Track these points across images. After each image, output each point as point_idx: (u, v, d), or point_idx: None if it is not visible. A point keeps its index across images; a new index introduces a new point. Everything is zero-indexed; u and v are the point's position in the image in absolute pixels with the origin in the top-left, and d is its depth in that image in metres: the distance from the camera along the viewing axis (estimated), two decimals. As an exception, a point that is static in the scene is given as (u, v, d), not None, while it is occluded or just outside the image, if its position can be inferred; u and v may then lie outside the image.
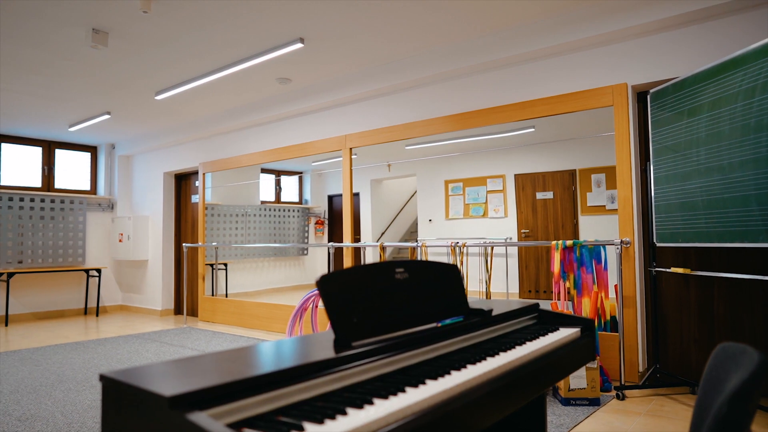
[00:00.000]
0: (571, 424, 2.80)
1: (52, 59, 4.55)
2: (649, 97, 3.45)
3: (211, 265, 7.05)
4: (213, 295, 7.01)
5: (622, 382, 3.38)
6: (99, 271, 7.73)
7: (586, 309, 3.56)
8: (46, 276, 7.53)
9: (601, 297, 3.56)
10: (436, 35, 4.23)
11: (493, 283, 5.36)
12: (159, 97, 5.57)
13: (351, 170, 5.35)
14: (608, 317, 3.62)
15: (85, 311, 7.88)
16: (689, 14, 3.30)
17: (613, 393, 3.35)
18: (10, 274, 6.87)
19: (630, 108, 3.64)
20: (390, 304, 1.33)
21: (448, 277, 1.55)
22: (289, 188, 7.64)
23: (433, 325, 1.43)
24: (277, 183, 7.46)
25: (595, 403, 3.13)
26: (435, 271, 1.51)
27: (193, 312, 7.43)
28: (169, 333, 5.99)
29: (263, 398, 0.92)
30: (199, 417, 0.76)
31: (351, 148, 5.34)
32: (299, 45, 4.20)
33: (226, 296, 7.02)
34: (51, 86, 5.31)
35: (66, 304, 7.72)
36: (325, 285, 1.20)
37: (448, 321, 1.49)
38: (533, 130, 4.56)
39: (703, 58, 3.36)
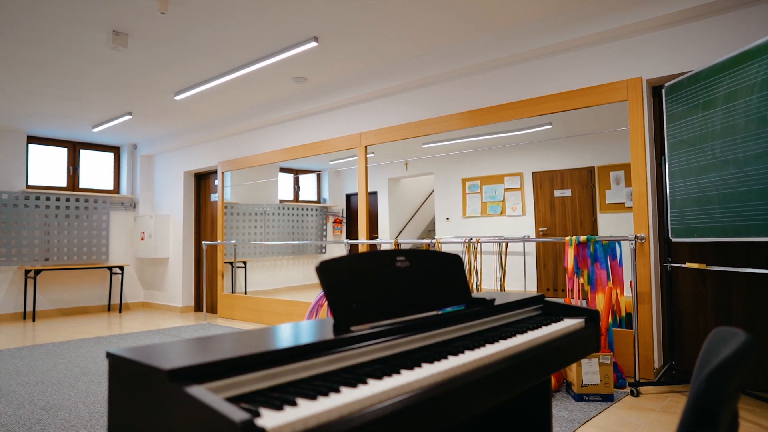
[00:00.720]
0: (583, 419, 2.79)
1: (74, 61, 4.69)
2: (663, 91, 3.41)
3: (231, 263, 7.15)
4: (232, 292, 7.12)
5: (637, 379, 3.35)
6: (122, 268, 7.91)
7: (600, 305, 3.53)
8: (71, 273, 7.74)
9: (616, 293, 3.53)
10: (448, 32, 4.24)
11: (511, 282, 5.34)
12: (178, 97, 5.69)
13: (366, 168, 5.38)
14: (623, 313, 3.59)
15: (109, 308, 8.07)
16: (703, 6, 3.26)
17: (628, 389, 3.32)
18: (37, 271, 7.08)
19: (644, 102, 3.60)
20: (390, 291, 1.36)
21: (451, 266, 1.57)
22: (308, 187, 7.71)
23: (434, 312, 1.45)
24: (296, 182, 7.54)
25: (608, 399, 3.11)
26: (437, 261, 1.54)
27: (212, 309, 7.55)
28: (189, 329, 6.11)
29: (261, 375, 0.96)
30: (197, 390, 0.80)
31: (366, 146, 5.37)
32: (313, 44, 4.25)
33: (245, 293, 7.12)
34: (75, 88, 5.47)
35: (90, 300, 7.92)
36: (325, 271, 1.23)
37: (449, 309, 1.51)
38: (550, 126, 4.52)
39: (717, 51, 3.32)
